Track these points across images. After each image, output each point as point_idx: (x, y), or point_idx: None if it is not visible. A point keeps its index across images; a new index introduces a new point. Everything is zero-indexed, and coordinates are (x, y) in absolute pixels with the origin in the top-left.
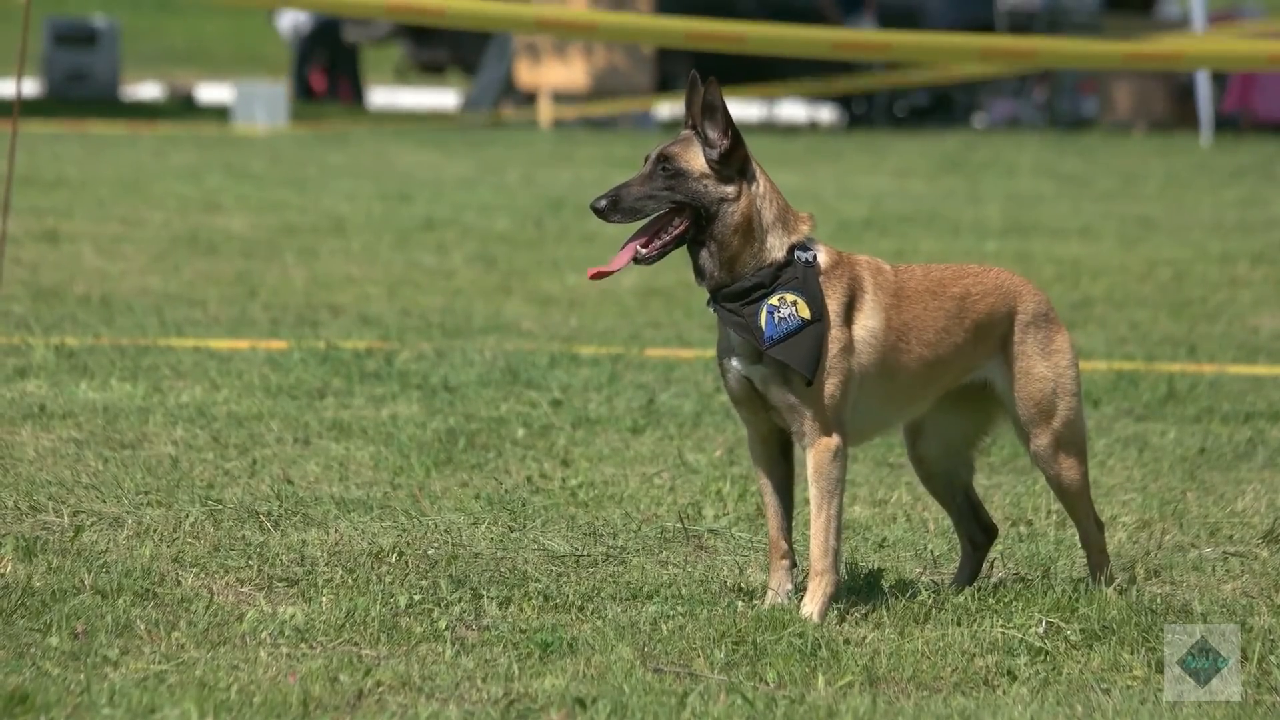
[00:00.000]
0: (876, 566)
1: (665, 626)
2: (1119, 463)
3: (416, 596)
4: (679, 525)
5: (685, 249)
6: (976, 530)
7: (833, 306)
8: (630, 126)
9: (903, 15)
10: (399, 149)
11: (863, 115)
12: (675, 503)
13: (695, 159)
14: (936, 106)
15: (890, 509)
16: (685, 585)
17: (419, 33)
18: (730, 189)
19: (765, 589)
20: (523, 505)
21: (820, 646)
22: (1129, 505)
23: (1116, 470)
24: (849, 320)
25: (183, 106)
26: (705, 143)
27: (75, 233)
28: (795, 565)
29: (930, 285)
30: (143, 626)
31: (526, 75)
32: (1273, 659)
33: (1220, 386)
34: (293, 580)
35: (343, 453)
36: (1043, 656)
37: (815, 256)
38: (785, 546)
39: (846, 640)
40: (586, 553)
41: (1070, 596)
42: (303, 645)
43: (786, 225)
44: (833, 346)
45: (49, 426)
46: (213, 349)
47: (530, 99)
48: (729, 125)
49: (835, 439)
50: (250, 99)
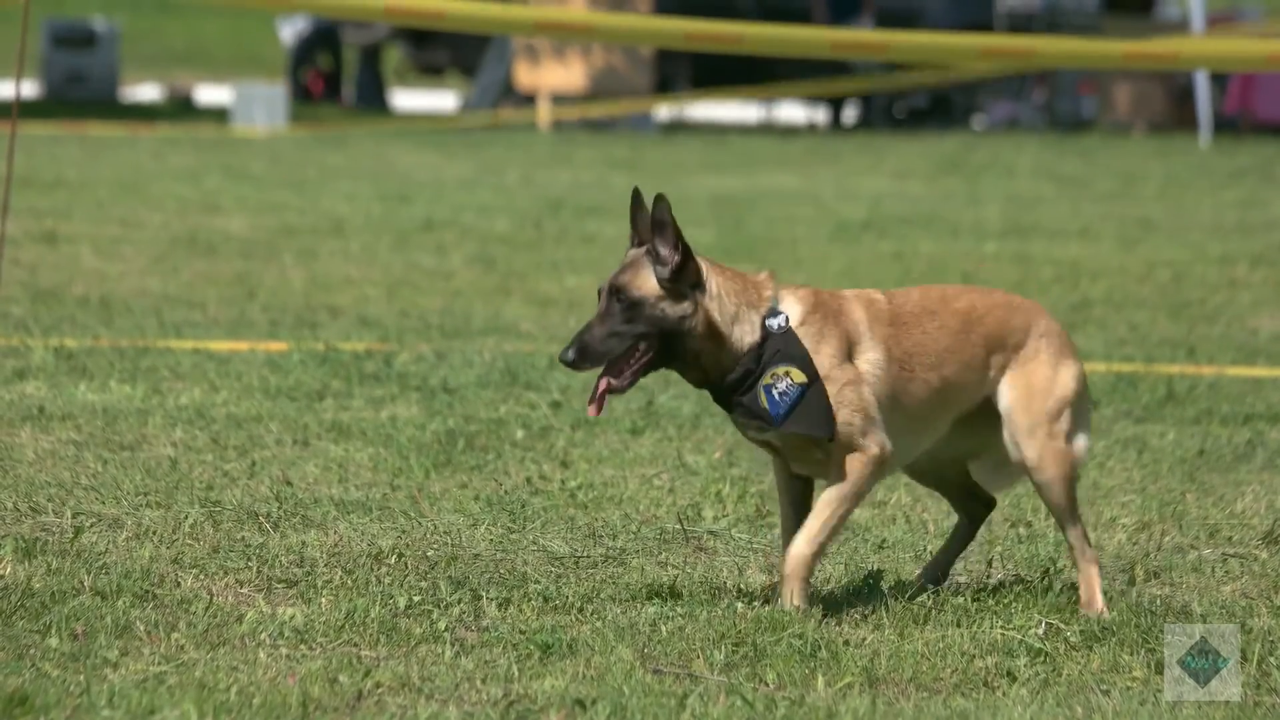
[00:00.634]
0: (876, 568)
1: (665, 627)
2: (1118, 464)
3: (416, 598)
4: (678, 527)
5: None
6: (976, 506)
7: (826, 351)
8: (629, 128)
9: (902, 17)
10: (398, 150)
11: (856, 122)
12: (674, 504)
13: (646, 282)
14: (935, 108)
15: (890, 510)
16: (685, 586)
17: (418, 35)
18: (686, 305)
19: (765, 591)
20: (522, 507)
21: (820, 647)
22: (1128, 507)
23: (1116, 472)
24: (849, 356)
25: (182, 108)
26: (656, 260)
27: (74, 234)
28: None
29: (929, 305)
30: (142, 628)
31: (525, 77)
32: (1272, 660)
33: (1219, 388)
34: (292, 581)
35: (342, 454)
36: (1042, 658)
37: (786, 319)
38: None
39: (846, 641)
40: (586, 554)
41: (1070, 598)
42: (302, 646)
43: (750, 304)
44: (838, 385)
45: (48, 428)
46: (212, 350)
47: (529, 100)
48: (678, 239)
49: (873, 449)
50: (249, 100)
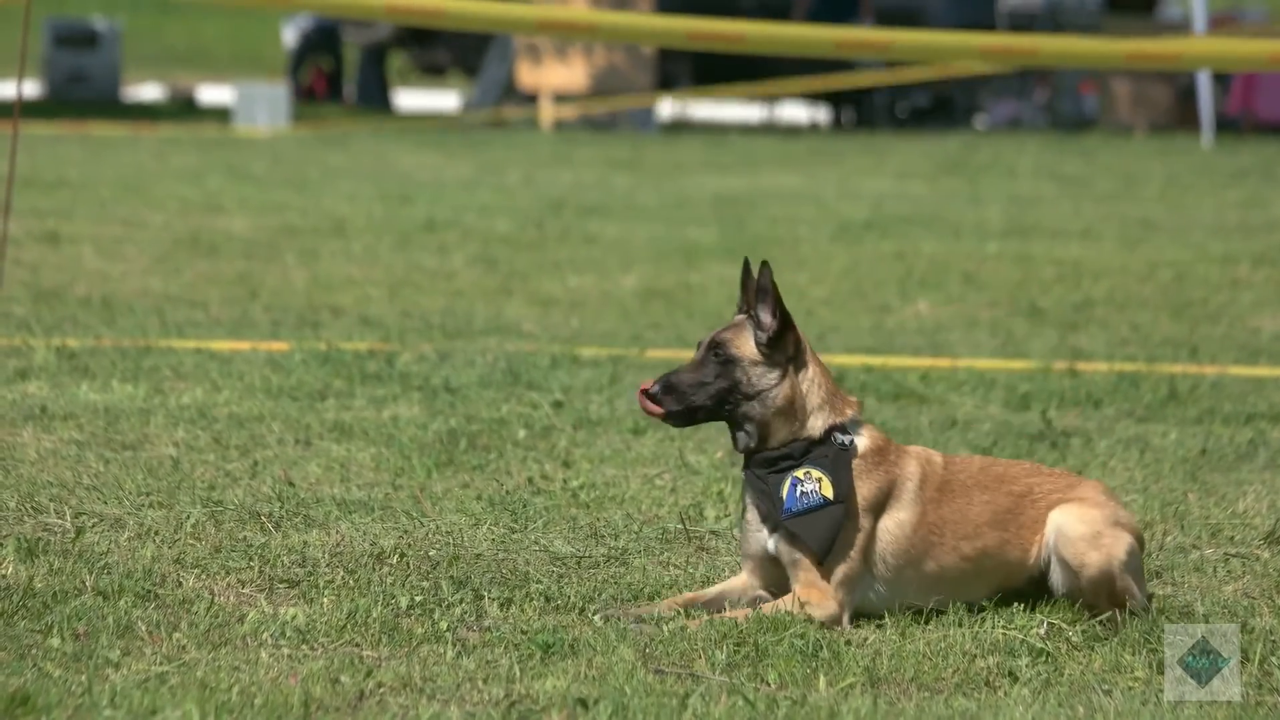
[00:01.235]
0: None
1: (666, 628)
2: (1120, 464)
3: (418, 597)
4: (680, 526)
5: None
6: None
7: (864, 492)
8: (631, 126)
9: (902, 17)
10: (400, 150)
11: (857, 122)
12: (676, 504)
13: (746, 344)
14: (937, 108)
15: None
16: (687, 586)
17: (420, 35)
18: (775, 375)
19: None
20: (524, 506)
21: (821, 648)
22: (1130, 507)
23: (1118, 472)
24: (880, 509)
25: (183, 108)
26: (757, 325)
27: (76, 234)
28: None
29: (985, 479)
30: (144, 628)
31: (527, 76)
32: (1274, 660)
33: (1221, 388)
34: (294, 581)
35: (344, 454)
36: (1044, 658)
37: (853, 441)
38: None
39: (848, 641)
40: (588, 554)
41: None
42: (304, 646)
43: (832, 408)
44: (852, 533)
45: (50, 428)
46: (214, 350)
47: (531, 100)
48: (779, 308)
49: (834, 605)
50: (251, 100)
